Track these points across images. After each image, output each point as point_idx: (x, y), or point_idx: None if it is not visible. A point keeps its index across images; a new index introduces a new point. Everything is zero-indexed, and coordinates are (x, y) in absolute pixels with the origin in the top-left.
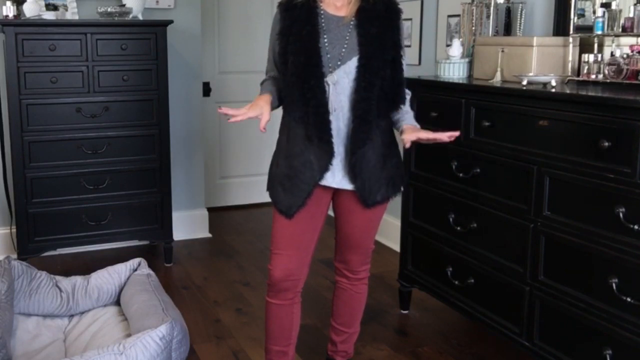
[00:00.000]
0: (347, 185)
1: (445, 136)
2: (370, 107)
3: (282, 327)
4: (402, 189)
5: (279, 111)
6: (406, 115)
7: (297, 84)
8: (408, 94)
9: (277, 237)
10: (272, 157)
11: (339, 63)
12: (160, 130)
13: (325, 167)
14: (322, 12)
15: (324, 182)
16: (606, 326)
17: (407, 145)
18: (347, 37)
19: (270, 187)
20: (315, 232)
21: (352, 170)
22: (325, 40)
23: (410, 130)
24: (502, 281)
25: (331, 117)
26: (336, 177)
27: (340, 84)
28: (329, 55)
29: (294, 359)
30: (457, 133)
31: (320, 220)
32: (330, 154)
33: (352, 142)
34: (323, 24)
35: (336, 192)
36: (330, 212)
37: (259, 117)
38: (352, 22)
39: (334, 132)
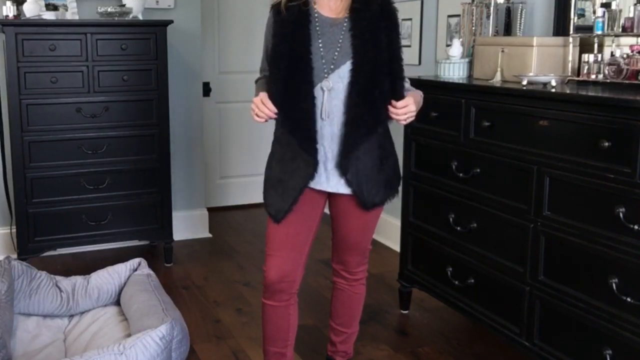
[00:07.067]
0: (342, 190)
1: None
2: (364, 111)
3: (279, 328)
4: (398, 190)
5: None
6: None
7: (286, 89)
8: (407, 82)
9: (271, 238)
10: (267, 160)
11: (332, 67)
12: (160, 130)
13: (310, 175)
14: (316, 14)
15: (318, 186)
16: (606, 326)
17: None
18: (340, 41)
19: (264, 190)
20: (310, 234)
21: (347, 174)
22: (320, 44)
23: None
24: (502, 281)
25: (325, 123)
26: (331, 182)
27: (335, 89)
28: (323, 60)
29: (292, 359)
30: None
31: (315, 221)
32: (314, 164)
33: (344, 146)
34: (317, 27)
35: (332, 195)
36: (327, 211)
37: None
38: (345, 25)
39: (328, 137)
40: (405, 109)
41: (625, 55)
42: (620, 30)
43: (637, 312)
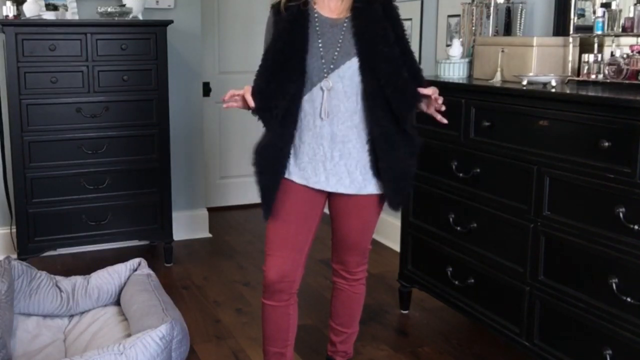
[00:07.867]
0: (342, 189)
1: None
2: (377, 111)
3: (279, 328)
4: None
5: None
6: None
7: (272, 87)
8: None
9: (270, 238)
10: None
11: (332, 67)
12: (160, 130)
13: (281, 171)
14: (316, 14)
15: (318, 186)
16: (606, 326)
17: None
18: (340, 40)
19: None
20: (310, 234)
21: (382, 175)
22: (320, 44)
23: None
24: (502, 281)
25: (325, 122)
26: (331, 182)
27: (335, 89)
28: (323, 60)
29: (292, 359)
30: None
31: (314, 221)
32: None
33: (378, 148)
34: (317, 28)
35: (331, 195)
36: (327, 211)
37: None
38: (345, 25)
39: (328, 137)
40: (437, 94)
41: (625, 55)
42: (620, 30)
43: (637, 312)
